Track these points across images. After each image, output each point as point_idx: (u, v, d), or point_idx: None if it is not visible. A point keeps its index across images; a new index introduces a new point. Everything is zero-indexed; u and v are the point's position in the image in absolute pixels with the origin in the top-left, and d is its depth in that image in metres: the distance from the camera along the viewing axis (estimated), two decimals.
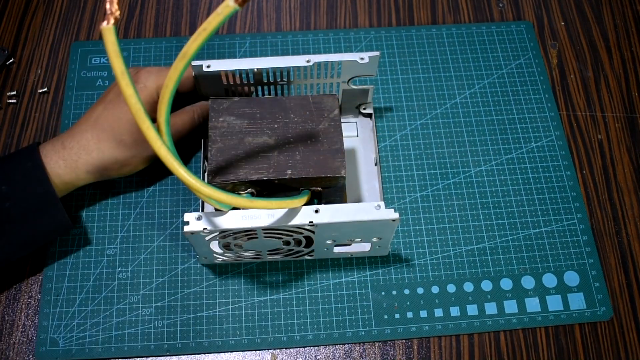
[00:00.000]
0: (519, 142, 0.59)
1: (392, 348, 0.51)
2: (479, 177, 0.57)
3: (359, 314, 0.51)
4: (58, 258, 0.53)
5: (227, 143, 0.47)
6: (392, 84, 0.62)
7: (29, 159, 0.47)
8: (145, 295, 0.52)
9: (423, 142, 0.59)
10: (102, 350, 0.50)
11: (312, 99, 0.50)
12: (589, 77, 0.64)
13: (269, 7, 0.67)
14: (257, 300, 0.52)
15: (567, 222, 0.55)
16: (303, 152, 0.47)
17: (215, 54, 0.64)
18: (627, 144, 0.60)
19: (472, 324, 0.51)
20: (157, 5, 0.67)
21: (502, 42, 0.65)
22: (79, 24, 0.65)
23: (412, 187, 0.57)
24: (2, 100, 0.61)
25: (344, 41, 0.65)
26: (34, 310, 0.51)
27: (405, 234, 0.55)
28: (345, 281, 0.53)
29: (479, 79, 0.63)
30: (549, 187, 0.57)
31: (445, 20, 0.67)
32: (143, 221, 0.55)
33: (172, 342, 0.50)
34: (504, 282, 0.53)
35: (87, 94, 0.61)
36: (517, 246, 0.54)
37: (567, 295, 0.52)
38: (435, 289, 0.52)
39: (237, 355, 0.50)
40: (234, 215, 0.44)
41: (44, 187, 0.47)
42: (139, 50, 0.63)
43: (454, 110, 0.61)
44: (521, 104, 0.61)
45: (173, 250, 0.54)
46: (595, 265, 0.54)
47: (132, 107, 0.38)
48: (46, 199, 0.47)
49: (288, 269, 0.53)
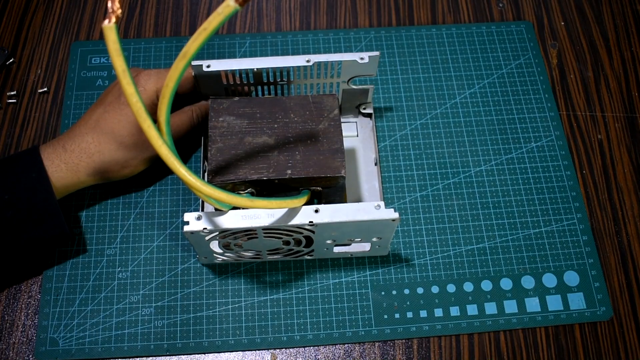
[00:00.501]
0: (519, 142, 0.59)
1: (392, 348, 0.51)
2: (479, 177, 0.57)
3: (358, 313, 0.51)
4: (58, 258, 0.53)
5: (227, 143, 0.47)
6: (392, 84, 0.62)
7: (32, 168, 0.47)
8: (145, 295, 0.52)
9: (423, 142, 0.59)
10: (102, 350, 0.50)
11: (312, 99, 0.50)
12: (589, 77, 0.64)
13: (269, 7, 0.67)
14: (257, 300, 0.52)
15: (567, 222, 0.55)
16: (303, 152, 0.47)
17: (215, 54, 0.64)
18: (627, 144, 0.60)
19: (472, 324, 0.51)
20: (157, 5, 0.67)
21: (502, 42, 0.65)
22: (79, 24, 0.65)
23: (412, 187, 0.57)
24: (2, 100, 0.61)
25: (344, 41, 0.65)
26: (33, 310, 0.51)
27: (405, 234, 0.55)
28: (345, 281, 0.53)
29: (479, 79, 0.63)
30: (549, 187, 0.57)
31: (445, 20, 0.67)
32: (143, 221, 0.55)
33: (172, 342, 0.50)
34: (504, 282, 0.53)
35: (87, 94, 0.61)
36: (517, 246, 0.54)
37: (567, 295, 0.52)
38: (435, 289, 0.52)
39: (237, 355, 0.50)
40: (234, 215, 0.44)
41: (47, 198, 0.47)
42: (139, 50, 0.63)
43: (454, 110, 0.61)
44: (521, 104, 0.61)
45: (173, 250, 0.54)
46: (595, 265, 0.54)
47: (133, 106, 0.38)
48: (48, 210, 0.47)
49: (288, 268, 0.53)
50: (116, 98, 0.50)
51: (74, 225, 0.54)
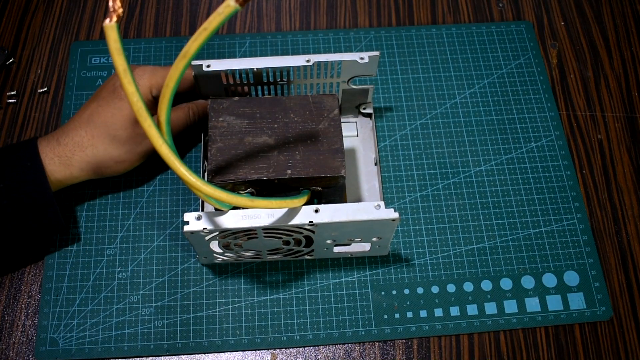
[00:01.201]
0: (519, 142, 0.59)
1: (392, 348, 0.51)
2: (479, 177, 0.57)
3: (358, 313, 0.51)
4: (58, 258, 0.53)
5: (227, 143, 0.47)
6: (392, 84, 0.62)
7: (28, 158, 0.47)
8: (145, 295, 0.52)
9: (423, 142, 0.59)
10: (102, 350, 0.50)
11: (312, 99, 0.50)
12: (589, 77, 0.64)
13: (269, 7, 0.67)
14: (257, 300, 0.52)
15: (567, 222, 0.55)
16: (303, 152, 0.47)
17: (215, 54, 0.64)
18: (627, 144, 0.60)
19: (472, 324, 0.51)
20: (157, 5, 0.67)
21: (502, 42, 0.65)
22: (79, 24, 0.65)
23: (412, 187, 0.57)
24: (2, 100, 0.61)
25: (344, 41, 0.65)
26: (33, 310, 0.51)
27: (405, 234, 0.55)
28: (345, 281, 0.53)
29: (479, 79, 0.63)
30: (549, 187, 0.57)
31: (445, 20, 0.67)
32: (143, 221, 0.55)
33: (172, 342, 0.50)
34: (504, 282, 0.53)
35: (87, 94, 0.61)
36: (517, 246, 0.54)
37: (567, 295, 0.52)
38: (435, 289, 0.52)
39: (237, 355, 0.50)
40: (234, 214, 0.44)
41: (41, 188, 0.47)
42: (139, 50, 0.63)
43: (454, 110, 0.61)
44: (521, 104, 0.61)
45: (173, 250, 0.54)
46: (595, 265, 0.54)
47: (134, 105, 0.38)
48: (43, 201, 0.47)
49: (288, 268, 0.53)
50: (110, 92, 0.50)
51: (74, 225, 0.54)
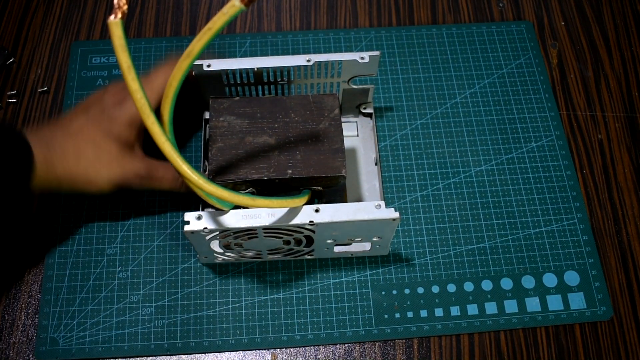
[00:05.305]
0: (519, 142, 0.59)
1: (393, 347, 0.51)
2: (479, 176, 0.57)
3: (359, 313, 0.51)
4: (58, 257, 0.53)
5: (228, 143, 0.47)
6: (392, 83, 0.62)
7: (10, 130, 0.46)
8: (145, 294, 0.52)
9: (423, 141, 0.59)
10: (102, 349, 0.50)
11: (312, 99, 0.50)
12: (589, 77, 0.64)
13: (269, 7, 0.67)
14: (257, 299, 0.52)
15: (567, 222, 0.55)
16: (303, 152, 0.47)
17: (216, 54, 0.64)
18: (627, 143, 0.60)
19: (473, 324, 0.51)
20: (157, 5, 0.67)
21: (502, 42, 0.65)
22: (79, 24, 0.65)
23: (412, 187, 0.57)
24: (3, 99, 0.61)
25: (344, 41, 0.65)
26: (34, 310, 0.51)
27: (405, 234, 0.55)
28: (345, 281, 0.53)
29: (479, 79, 0.63)
30: (549, 186, 0.57)
31: (445, 20, 0.67)
32: (143, 221, 0.55)
33: (172, 342, 0.50)
34: (504, 281, 0.53)
35: (87, 94, 0.61)
36: (517, 246, 0.54)
37: (568, 295, 0.52)
38: (436, 289, 0.52)
39: (237, 355, 0.50)
40: (234, 214, 0.44)
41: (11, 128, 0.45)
42: (139, 50, 0.63)
43: (454, 110, 0.61)
44: (521, 103, 0.61)
45: (173, 249, 0.53)
46: (596, 265, 0.54)
47: (137, 102, 0.38)
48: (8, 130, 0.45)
49: (288, 268, 0.53)
50: (100, 112, 0.48)
51: (75, 225, 0.54)
